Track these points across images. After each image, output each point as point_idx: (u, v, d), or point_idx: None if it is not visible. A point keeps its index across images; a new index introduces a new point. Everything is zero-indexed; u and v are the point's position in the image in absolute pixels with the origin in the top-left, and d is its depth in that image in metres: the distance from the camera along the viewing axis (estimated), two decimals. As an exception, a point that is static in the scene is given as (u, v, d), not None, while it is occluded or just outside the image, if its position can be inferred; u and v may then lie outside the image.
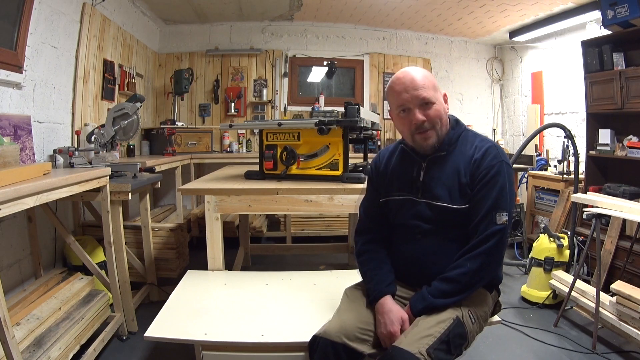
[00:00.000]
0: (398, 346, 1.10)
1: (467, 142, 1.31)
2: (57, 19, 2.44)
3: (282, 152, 1.98)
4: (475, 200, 1.24)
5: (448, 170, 1.28)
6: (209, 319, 1.39)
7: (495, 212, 1.21)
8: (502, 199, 1.22)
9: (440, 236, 1.29)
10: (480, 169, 1.24)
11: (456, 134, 1.32)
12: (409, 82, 1.25)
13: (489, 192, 1.22)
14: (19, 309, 1.63)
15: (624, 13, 2.73)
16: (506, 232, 1.22)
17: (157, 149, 3.79)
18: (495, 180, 1.22)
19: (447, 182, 1.27)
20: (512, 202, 1.27)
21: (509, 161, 1.29)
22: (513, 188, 1.27)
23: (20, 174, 1.45)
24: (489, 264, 1.23)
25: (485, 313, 1.31)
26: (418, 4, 3.88)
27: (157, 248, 2.69)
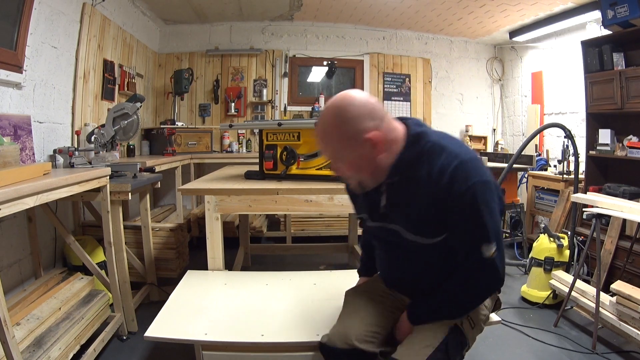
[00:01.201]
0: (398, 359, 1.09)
1: (430, 161, 1.04)
2: (57, 19, 2.44)
3: (282, 152, 1.98)
4: (454, 234, 1.07)
5: (411, 197, 1.08)
6: (209, 319, 1.39)
7: (480, 245, 1.03)
8: (484, 229, 1.02)
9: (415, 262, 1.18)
10: (450, 198, 1.02)
11: (413, 153, 1.06)
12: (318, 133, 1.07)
13: (468, 225, 1.03)
14: (19, 309, 1.63)
15: (624, 13, 2.73)
16: (496, 265, 1.04)
17: (157, 149, 3.79)
18: (471, 209, 1.01)
19: (411, 212, 1.09)
20: (498, 226, 1.06)
21: (486, 177, 1.04)
22: (495, 210, 1.05)
23: (20, 174, 1.45)
24: (476, 300, 1.13)
25: (485, 315, 1.26)
26: (418, 4, 3.88)
27: (157, 248, 2.69)
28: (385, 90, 4.78)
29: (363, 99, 1.02)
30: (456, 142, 1.09)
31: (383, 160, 1.05)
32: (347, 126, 1.00)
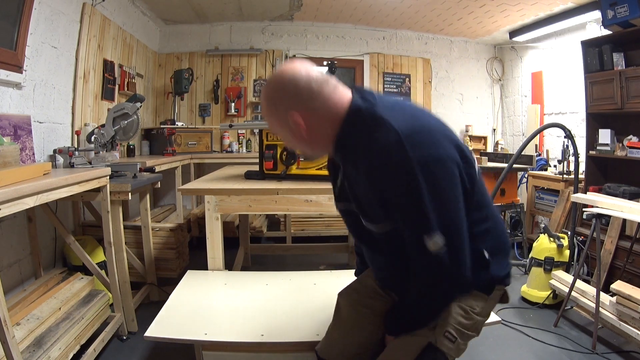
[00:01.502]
0: None
1: (367, 137, 0.90)
2: (57, 19, 2.44)
3: (282, 152, 1.98)
4: (398, 222, 0.93)
5: (354, 177, 0.98)
6: (209, 319, 1.39)
7: (421, 236, 0.87)
8: (425, 217, 0.86)
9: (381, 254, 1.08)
10: (385, 180, 0.89)
11: (349, 129, 0.94)
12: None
13: (406, 212, 0.89)
14: (19, 309, 1.63)
15: (624, 13, 2.73)
16: (443, 262, 0.88)
17: (157, 149, 3.79)
18: (408, 191, 0.86)
19: (358, 194, 0.98)
20: (449, 213, 0.88)
21: (435, 151, 0.87)
22: (446, 192, 0.88)
23: (20, 174, 1.45)
24: (433, 304, 0.98)
25: (470, 324, 1.04)
26: (418, 4, 3.88)
27: (157, 248, 2.69)
28: (385, 90, 4.78)
29: (292, 76, 0.94)
30: (404, 113, 0.94)
31: (316, 138, 0.97)
32: (273, 104, 0.96)
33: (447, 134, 0.95)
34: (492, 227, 1.04)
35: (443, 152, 0.88)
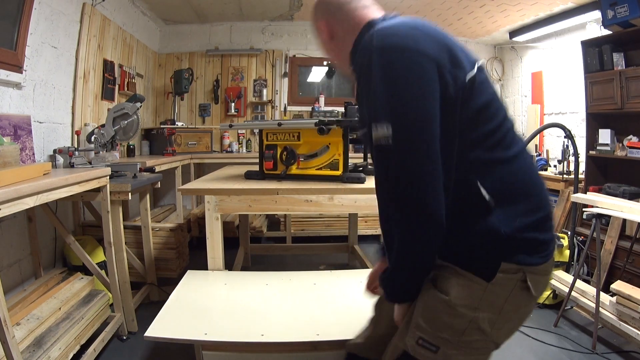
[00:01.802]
0: None
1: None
2: (57, 19, 2.44)
3: (282, 152, 1.98)
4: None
5: (359, 93, 0.90)
6: (209, 319, 1.39)
7: (370, 125, 0.78)
8: (375, 103, 0.77)
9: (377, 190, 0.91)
10: (359, 78, 0.86)
11: (359, 41, 0.90)
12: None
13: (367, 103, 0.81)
14: (19, 309, 1.63)
15: (624, 13, 2.73)
16: (389, 155, 0.76)
17: (157, 149, 3.79)
18: (366, 82, 0.80)
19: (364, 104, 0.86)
20: (400, 102, 0.76)
21: (393, 40, 0.79)
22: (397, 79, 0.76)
23: (20, 174, 1.45)
24: (402, 239, 0.80)
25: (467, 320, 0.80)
26: (418, 4, 3.88)
27: (157, 248, 2.69)
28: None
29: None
30: (401, 20, 0.87)
31: (338, 48, 0.98)
32: (313, 13, 1.03)
33: (438, 38, 0.82)
34: (508, 161, 0.82)
35: (412, 43, 0.78)
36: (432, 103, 0.76)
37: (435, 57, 0.78)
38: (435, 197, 0.75)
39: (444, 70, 0.78)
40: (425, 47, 0.78)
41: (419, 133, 0.75)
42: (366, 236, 4.06)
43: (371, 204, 1.84)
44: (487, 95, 0.85)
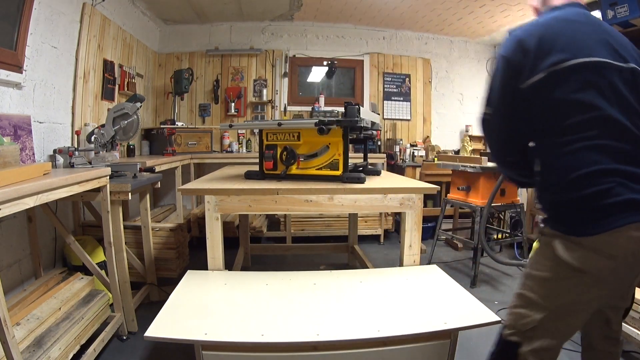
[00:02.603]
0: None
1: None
2: (57, 19, 2.44)
3: (282, 152, 1.98)
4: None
5: None
6: (209, 319, 1.39)
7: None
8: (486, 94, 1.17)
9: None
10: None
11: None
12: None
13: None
14: (19, 309, 1.63)
15: (624, 13, 2.73)
16: (485, 123, 1.18)
17: (157, 149, 3.79)
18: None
19: None
20: (492, 94, 1.13)
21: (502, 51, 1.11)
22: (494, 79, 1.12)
23: (20, 174, 1.45)
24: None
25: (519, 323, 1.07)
26: (418, 4, 3.88)
27: (157, 248, 2.69)
28: (385, 90, 4.79)
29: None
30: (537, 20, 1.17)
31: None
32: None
33: (514, 43, 1.09)
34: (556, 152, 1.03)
35: (504, 51, 1.11)
36: (501, 89, 1.16)
37: (509, 57, 1.11)
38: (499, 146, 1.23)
39: (518, 65, 1.09)
40: (505, 51, 1.13)
41: (495, 111, 1.20)
42: (366, 236, 4.06)
43: (371, 204, 1.84)
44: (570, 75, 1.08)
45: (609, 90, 0.99)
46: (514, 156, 1.18)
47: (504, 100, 1.11)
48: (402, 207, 1.86)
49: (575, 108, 1.00)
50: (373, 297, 1.56)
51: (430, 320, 1.37)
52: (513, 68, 1.07)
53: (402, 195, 1.85)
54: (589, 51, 1.02)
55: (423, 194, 1.87)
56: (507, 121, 1.13)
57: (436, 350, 1.40)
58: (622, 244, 0.94)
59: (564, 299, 1.04)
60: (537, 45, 1.03)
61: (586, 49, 1.02)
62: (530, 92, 1.04)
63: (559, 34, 1.05)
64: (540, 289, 1.07)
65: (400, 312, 1.42)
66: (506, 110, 1.12)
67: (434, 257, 3.49)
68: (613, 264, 0.96)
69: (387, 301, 1.52)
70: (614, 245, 0.95)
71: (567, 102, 1.00)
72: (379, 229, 4.08)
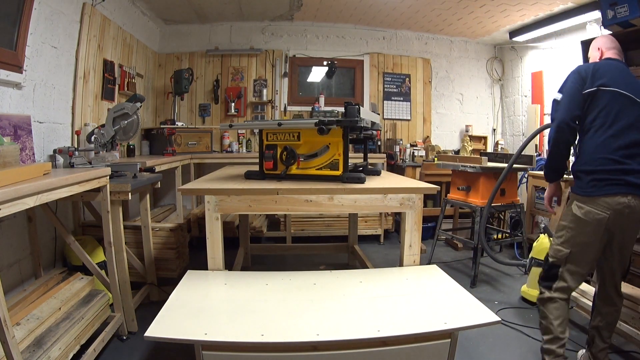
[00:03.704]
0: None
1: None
2: (57, 19, 2.44)
3: (282, 152, 1.98)
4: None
5: None
6: (209, 319, 1.39)
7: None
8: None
9: None
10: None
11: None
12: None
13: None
14: (19, 309, 1.64)
15: (624, 13, 2.73)
16: (556, 104, 1.74)
17: (157, 149, 3.80)
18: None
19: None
20: (565, 88, 1.73)
21: (577, 68, 1.75)
22: (567, 82, 1.75)
23: (20, 174, 1.45)
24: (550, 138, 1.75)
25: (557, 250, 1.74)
26: (418, 4, 3.88)
27: (157, 248, 2.69)
28: (385, 90, 4.79)
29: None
30: (594, 62, 1.80)
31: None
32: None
33: (582, 72, 1.72)
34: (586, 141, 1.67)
35: (575, 69, 1.76)
36: (571, 89, 1.73)
37: (582, 74, 1.71)
38: (563, 117, 1.71)
39: (584, 80, 1.70)
40: (579, 69, 1.75)
41: (565, 101, 1.74)
42: (366, 236, 4.06)
43: (371, 204, 1.84)
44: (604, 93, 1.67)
45: (626, 111, 1.60)
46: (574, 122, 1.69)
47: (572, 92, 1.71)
48: (402, 207, 1.86)
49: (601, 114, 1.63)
50: (373, 297, 1.56)
51: (430, 320, 1.37)
52: (581, 79, 1.70)
53: (402, 195, 1.85)
54: (620, 86, 1.63)
55: (423, 194, 1.87)
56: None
57: (436, 350, 1.40)
58: (612, 205, 1.58)
59: (580, 239, 1.66)
60: (592, 72, 1.68)
61: (619, 83, 1.64)
62: (584, 96, 1.67)
63: (607, 71, 1.68)
64: (567, 234, 1.70)
65: (400, 312, 1.42)
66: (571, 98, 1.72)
67: (434, 257, 3.49)
68: (606, 217, 1.59)
69: (387, 301, 1.52)
70: (607, 205, 1.58)
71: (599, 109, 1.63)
72: (379, 229, 4.08)
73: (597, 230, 1.61)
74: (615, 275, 1.76)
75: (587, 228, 1.62)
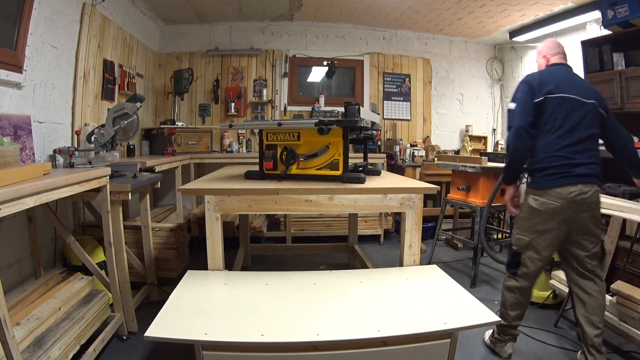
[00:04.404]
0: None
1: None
2: (57, 19, 2.44)
3: (282, 152, 1.98)
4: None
5: None
6: (209, 319, 1.39)
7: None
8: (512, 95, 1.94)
9: None
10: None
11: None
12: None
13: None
14: (19, 309, 1.64)
15: (624, 13, 2.73)
16: (510, 113, 1.89)
17: (157, 149, 3.80)
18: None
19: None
20: (517, 97, 1.88)
21: (526, 77, 1.92)
22: (518, 90, 1.89)
23: (20, 174, 1.45)
24: (508, 142, 1.89)
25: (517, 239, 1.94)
26: (418, 4, 3.88)
27: (157, 248, 2.69)
28: (385, 90, 4.79)
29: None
30: (539, 71, 1.99)
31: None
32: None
33: (531, 82, 1.88)
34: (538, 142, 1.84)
35: (525, 79, 1.93)
36: (523, 98, 1.87)
37: (530, 83, 1.88)
38: (517, 124, 1.86)
39: (532, 89, 1.86)
40: (528, 79, 1.92)
41: (518, 109, 1.87)
42: (366, 236, 4.06)
43: (371, 204, 1.84)
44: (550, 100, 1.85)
45: (571, 114, 1.80)
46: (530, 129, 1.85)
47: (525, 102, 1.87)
48: (402, 207, 1.86)
49: (550, 118, 1.82)
50: (373, 297, 1.56)
51: (430, 320, 1.37)
52: (530, 89, 1.86)
53: (402, 195, 1.85)
54: (565, 90, 1.82)
55: (423, 194, 1.87)
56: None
57: (436, 350, 1.40)
58: (563, 195, 1.77)
59: (537, 228, 1.85)
60: (539, 81, 1.86)
61: (564, 88, 1.83)
62: (535, 104, 1.84)
63: (553, 78, 1.87)
64: (525, 223, 1.90)
65: (400, 312, 1.42)
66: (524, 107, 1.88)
67: (434, 257, 3.49)
68: (559, 206, 1.78)
69: (387, 301, 1.52)
70: (559, 195, 1.78)
71: (549, 114, 1.82)
72: (379, 229, 4.08)
73: (552, 218, 1.80)
74: (584, 260, 1.86)
75: (542, 217, 1.82)
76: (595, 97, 1.85)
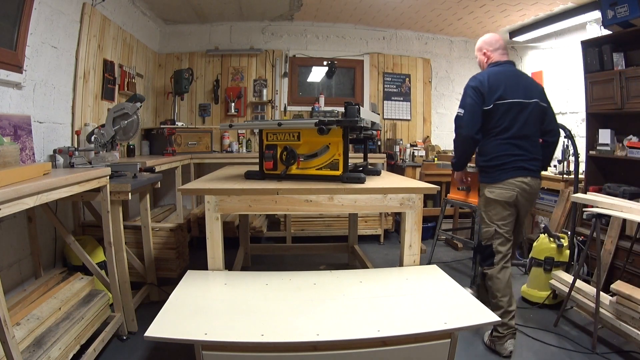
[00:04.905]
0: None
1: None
2: (57, 19, 2.44)
3: (282, 152, 1.98)
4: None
5: None
6: (209, 319, 1.39)
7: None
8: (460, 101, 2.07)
9: None
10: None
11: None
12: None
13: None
14: (19, 309, 1.63)
15: (624, 13, 2.73)
16: (457, 121, 2.05)
17: (157, 149, 3.79)
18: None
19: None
20: (463, 102, 2.03)
21: (471, 82, 2.03)
22: (465, 94, 2.03)
23: (20, 174, 1.45)
24: (456, 145, 2.16)
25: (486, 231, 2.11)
26: (418, 4, 3.88)
27: (157, 248, 2.69)
28: (385, 90, 4.79)
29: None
30: (484, 72, 2.09)
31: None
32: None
33: (479, 88, 2.00)
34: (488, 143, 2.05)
35: (469, 83, 2.05)
36: (471, 103, 2.02)
37: (478, 88, 2.01)
38: (466, 131, 2.04)
39: (481, 93, 2.01)
40: (473, 83, 2.04)
41: (465, 113, 2.02)
42: (366, 236, 4.06)
43: (371, 204, 1.85)
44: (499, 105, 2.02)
45: (518, 116, 1.99)
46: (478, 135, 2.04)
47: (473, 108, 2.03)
48: (402, 207, 1.86)
49: (499, 123, 2.00)
50: (373, 297, 1.56)
51: (430, 320, 1.37)
52: (479, 95, 2.01)
53: (402, 195, 1.85)
54: (513, 95, 1.99)
55: (423, 194, 1.87)
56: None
57: (436, 350, 1.40)
58: (516, 184, 2.00)
59: (497, 217, 2.05)
60: (488, 87, 2.00)
61: (511, 92, 1.99)
62: (485, 111, 2.01)
63: (501, 82, 2.00)
64: (486, 216, 2.09)
65: (400, 312, 1.42)
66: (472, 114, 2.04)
67: (434, 257, 3.49)
68: (514, 195, 2.00)
69: (387, 301, 1.52)
70: (513, 185, 2.00)
71: (498, 118, 2.00)
72: (379, 229, 4.08)
73: (508, 206, 2.02)
74: (517, 241, 2.22)
75: (500, 206, 2.03)
76: (538, 94, 2.05)
